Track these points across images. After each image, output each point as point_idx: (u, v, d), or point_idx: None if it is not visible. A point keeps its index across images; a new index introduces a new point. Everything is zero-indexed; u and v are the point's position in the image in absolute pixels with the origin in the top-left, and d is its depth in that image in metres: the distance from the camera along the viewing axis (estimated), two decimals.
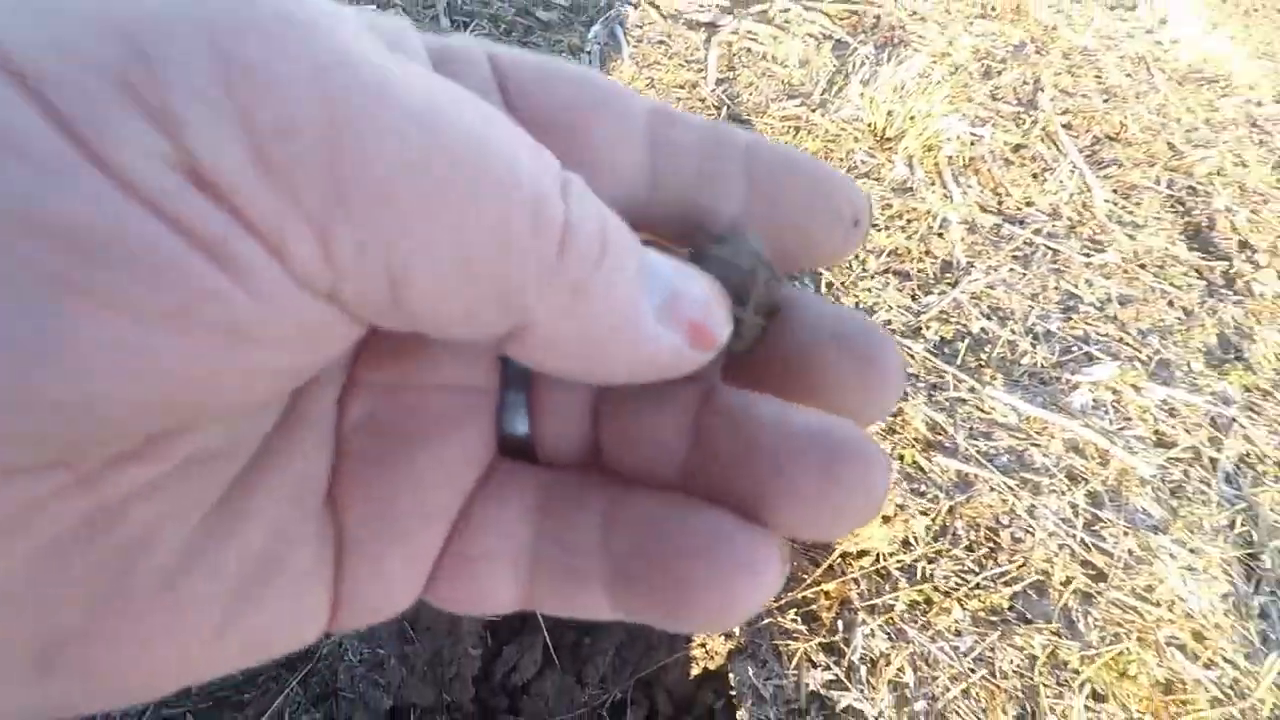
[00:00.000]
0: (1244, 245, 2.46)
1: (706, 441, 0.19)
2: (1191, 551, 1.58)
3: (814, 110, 2.21)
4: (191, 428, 0.16)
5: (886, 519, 1.31)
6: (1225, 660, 1.43)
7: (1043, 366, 1.83)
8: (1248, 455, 1.84)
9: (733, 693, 1.12)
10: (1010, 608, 1.38)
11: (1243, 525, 1.68)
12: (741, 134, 0.21)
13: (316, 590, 0.18)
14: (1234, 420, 1.91)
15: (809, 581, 1.28)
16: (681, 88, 2.11)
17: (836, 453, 0.18)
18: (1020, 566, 1.43)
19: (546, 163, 0.16)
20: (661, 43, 2.23)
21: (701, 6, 2.40)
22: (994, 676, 1.29)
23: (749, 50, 2.33)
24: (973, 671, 1.27)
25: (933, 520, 1.44)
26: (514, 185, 0.15)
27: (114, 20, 0.13)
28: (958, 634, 1.32)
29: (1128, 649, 1.39)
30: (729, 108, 2.11)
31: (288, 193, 0.13)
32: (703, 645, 1.21)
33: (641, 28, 2.25)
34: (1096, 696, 1.32)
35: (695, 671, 1.21)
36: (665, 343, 0.17)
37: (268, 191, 0.13)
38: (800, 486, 0.18)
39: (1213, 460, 1.80)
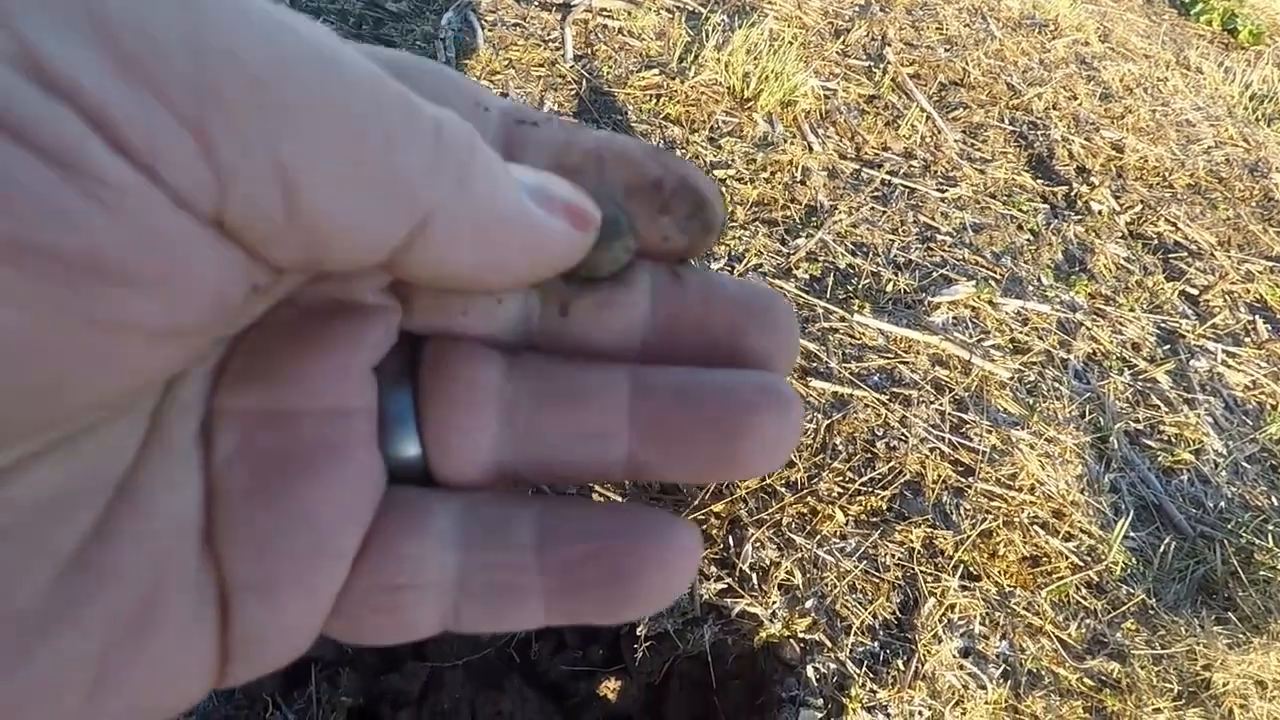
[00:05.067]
0: (1081, 170, 2.68)
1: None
2: (1048, 441, 1.73)
3: (673, 78, 2.29)
4: (44, 423, 0.14)
5: None
6: (1082, 531, 1.58)
7: (906, 292, 1.96)
8: (1094, 353, 2.02)
9: None
10: (889, 509, 1.49)
11: (1092, 414, 1.84)
12: (591, 133, 0.21)
13: (200, 641, 0.17)
14: (1081, 324, 2.09)
15: (697, 504, 1.36)
16: (541, 66, 2.16)
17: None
18: (896, 472, 1.55)
19: (422, 101, 0.16)
20: (517, 25, 2.28)
21: None
22: (877, 570, 1.39)
23: (605, 27, 2.40)
24: (857, 568, 1.37)
25: (813, 439, 1.54)
26: (381, 88, 0.15)
27: None
28: (842, 537, 1.41)
29: (996, 531, 1.52)
30: (589, 81, 2.17)
31: (153, 92, 0.12)
32: None
33: (495, 12, 2.29)
34: (970, 576, 1.44)
35: None
36: (552, 224, 0.18)
37: (130, 92, 0.12)
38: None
39: (1063, 360, 1.97)
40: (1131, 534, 1.60)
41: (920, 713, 1.24)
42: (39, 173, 0.11)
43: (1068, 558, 1.51)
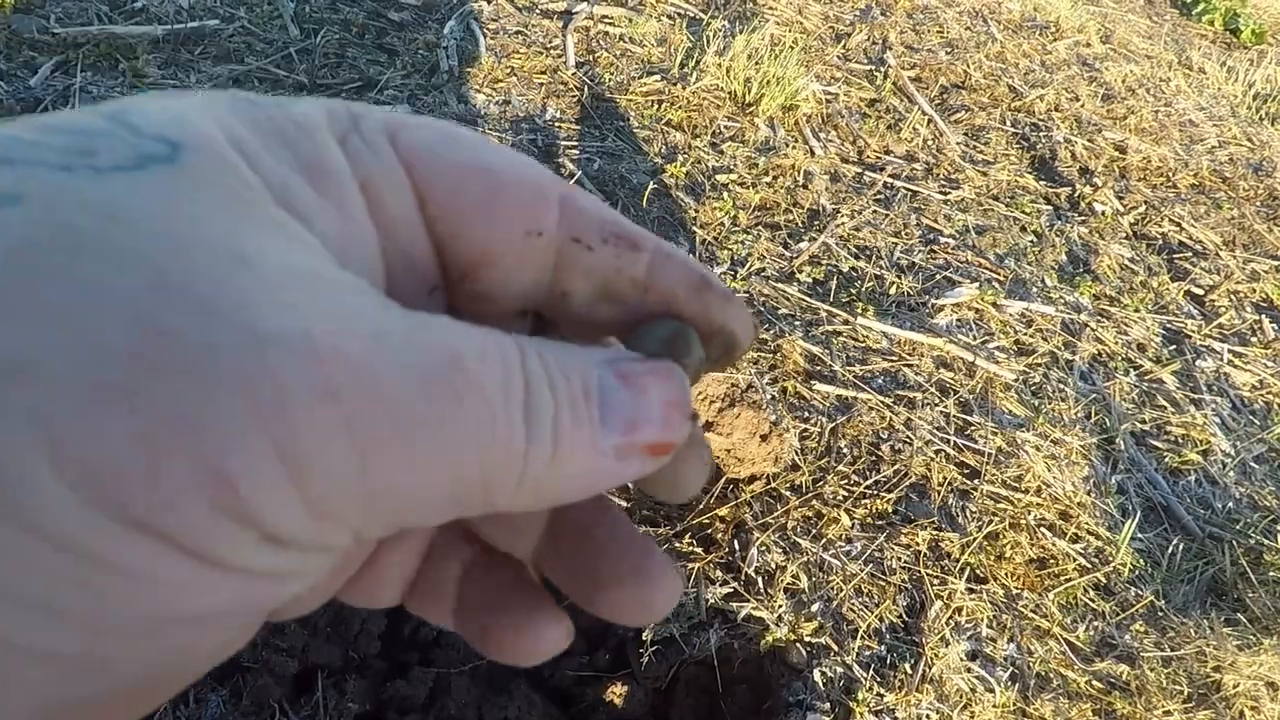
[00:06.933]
0: (1084, 171, 2.68)
1: (558, 538, 0.25)
2: (1054, 443, 1.72)
3: (675, 84, 2.30)
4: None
5: (764, 438, 1.39)
6: (1089, 533, 1.57)
7: (909, 295, 1.96)
8: (1099, 354, 2.01)
9: None
10: (895, 511, 1.48)
11: (1098, 415, 1.84)
12: (642, 257, 0.22)
13: None
14: (1085, 325, 2.08)
15: (702, 508, 1.36)
16: (543, 73, 2.16)
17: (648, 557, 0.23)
18: (901, 474, 1.54)
19: (498, 364, 0.18)
20: (519, 33, 2.29)
21: None
22: (883, 573, 1.38)
23: (606, 34, 2.41)
24: (863, 571, 1.37)
25: (817, 442, 1.53)
26: (489, 423, 0.17)
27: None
28: (848, 540, 1.41)
29: (1002, 533, 1.51)
30: (591, 88, 2.18)
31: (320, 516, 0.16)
32: None
33: (497, 20, 2.30)
34: (977, 579, 1.44)
35: None
36: (625, 472, 0.20)
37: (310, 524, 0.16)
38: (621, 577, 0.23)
39: (1068, 362, 1.96)
40: (1139, 535, 1.59)
41: (928, 716, 1.23)
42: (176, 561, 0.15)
43: (1075, 559, 1.50)
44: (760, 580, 1.29)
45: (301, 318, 0.15)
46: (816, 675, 1.21)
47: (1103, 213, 2.50)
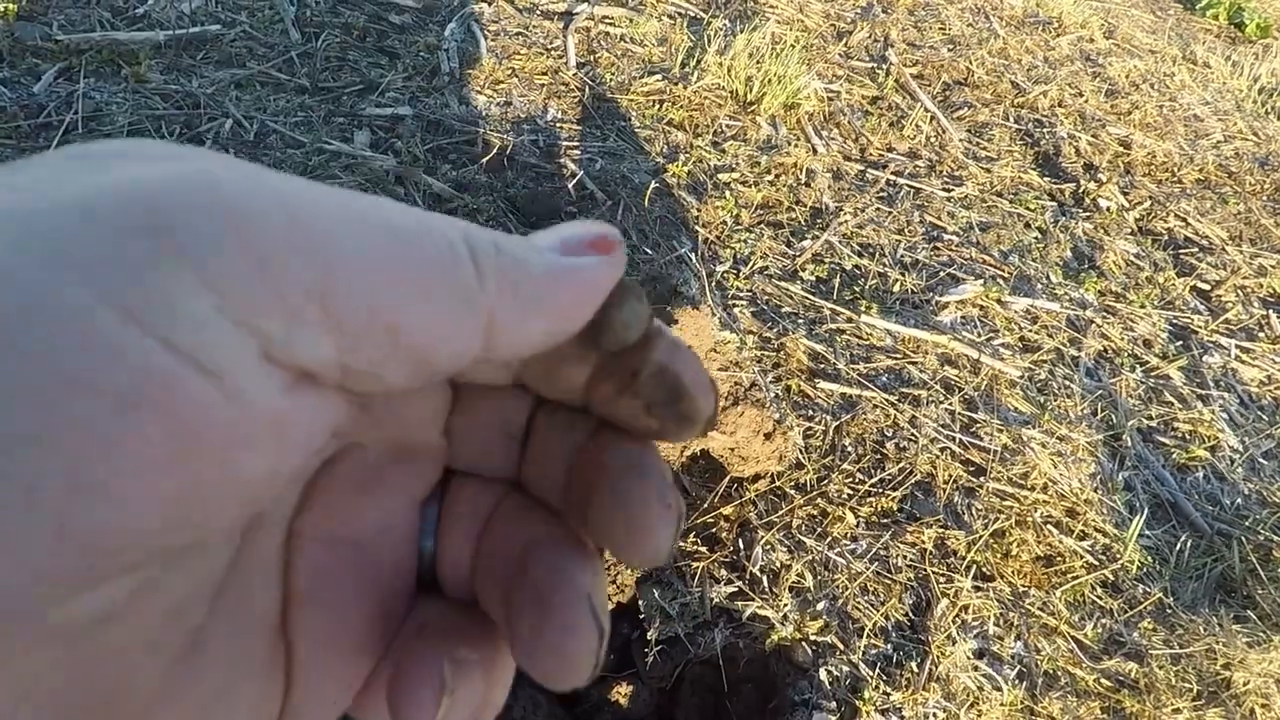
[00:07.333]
0: (1088, 167, 2.67)
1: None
2: (1060, 439, 1.71)
3: (676, 83, 2.29)
4: (190, 543, 0.18)
5: (768, 436, 1.39)
6: (1096, 530, 1.56)
7: (913, 292, 1.95)
8: (1105, 351, 2.00)
9: (641, 617, 1.17)
10: (900, 509, 1.48)
11: (1104, 411, 1.83)
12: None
13: (266, 713, 0.22)
14: (1091, 321, 2.07)
15: (705, 506, 1.35)
16: (544, 74, 2.16)
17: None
18: (906, 472, 1.53)
19: (448, 228, 0.20)
20: (520, 34, 2.29)
21: None
22: (889, 572, 1.38)
23: (607, 34, 2.41)
24: (868, 569, 1.36)
25: (822, 440, 1.53)
26: (424, 232, 0.19)
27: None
28: (853, 539, 1.40)
29: (1009, 531, 1.50)
30: (592, 88, 2.18)
31: (278, 289, 0.17)
32: (614, 581, 1.26)
33: (498, 22, 2.30)
34: (984, 577, 1.43)
35: (610, 606, 1.26)
36: (585, 262, 0.21)
37: (267, 293, 0.17)
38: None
39: (1074, 358, 1.95)
40: (1147, 532, 1.58)
41: (935, 715, 1.23)
42: (203, 388, 0.16)
43: (1082, 557, 1.49)
44: (765, 579, 1.29)
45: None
46: (822, 674, 1.21)
47: (1107, 208, 2.49)
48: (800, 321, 1.76)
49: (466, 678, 0.23)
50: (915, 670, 1.26)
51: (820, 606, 1.29)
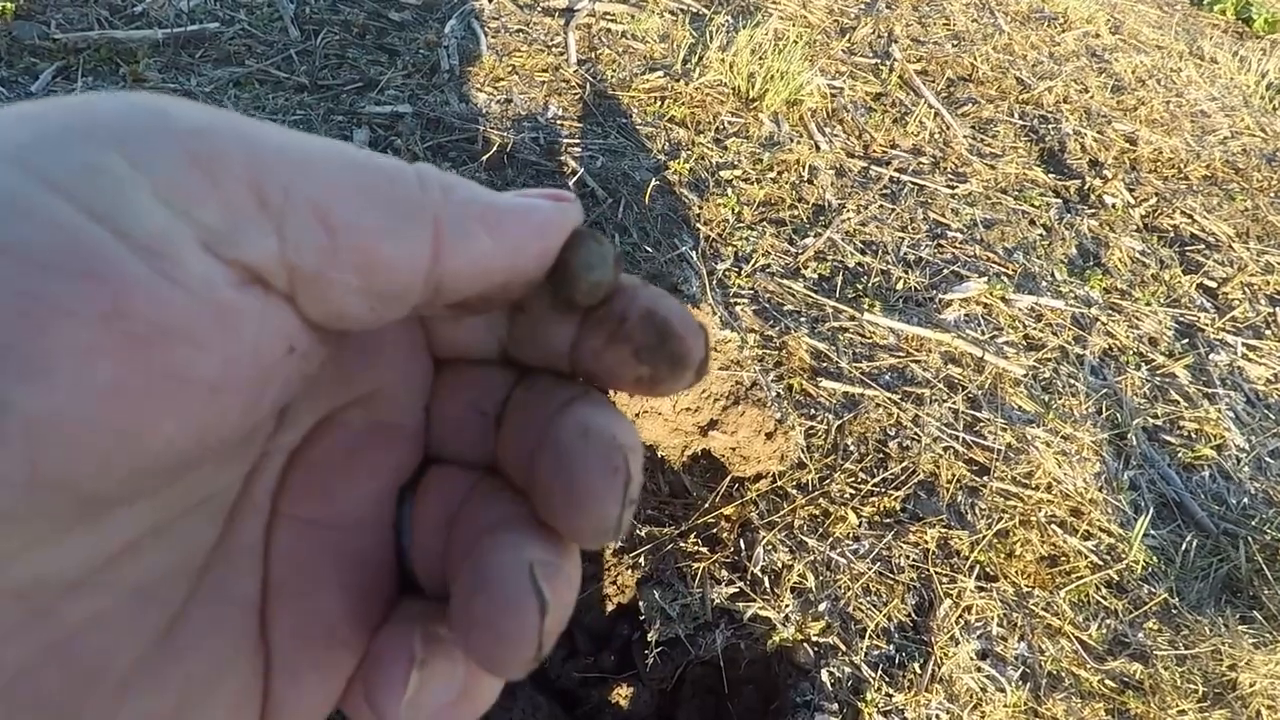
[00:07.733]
0: (1094, 163, 2.65)
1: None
2: (1065, 438, 1.70)
3: (678, 80, 2.28)
4: (135, 470, 0.17)
5: (770, 435, 1.38)
6: (1101, 530, 1.55)
7: (916, 290, 1.94)
8: (1110, 349, 1.98)
9: (642, 618, 1.17)
10: (903, 509, 1.46)
11: (1109, 410, 1.81)
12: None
13: (248, 705, 0.21)
14: (1096, 319, 2.06)
15: (706, 507, 1.34)
16: (544, 71, 2.15)
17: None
18: (909, 472, 1.52)
19: (398, 159, 0.20)
20: (520, 31, 2.28)
21: None
22: (891, 572, 1.37)
23: (608, 30, 2.40)
24: (871, 570, 1.35)
25: (824, 440, 1.52)
26: (371, 155, 0.19)
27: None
28: (855, 539, 1.39)
29: (1012, 531, 1.49)
30: (593, 85, 2.17)
31: (218, 184, 0.17)
32: (614, 582, 1.25)
33: (499, 19, 2.29)
34: (987, 577, 1.42)
35: (610, 607, 1.26)
36: (541, 203, 0.21)
37: (211, 196, 0.17)
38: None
39: (1079, 356, 1.94)
40: (1152, 532, 1.57)
41: (938, 716, 1.22)
42: (135, 263, 0.15)
43: (1087, 557, 1.48)
44: (767, 580, 1.28)
45: None
46: (824, 675, 1.20)
47: (1113, 205, 2.47)
48: (802, 320, 1.75)
49: (440, 653, 0.21)
50: (918, 671, 1.25)
51: (822, 607, 1.28)
